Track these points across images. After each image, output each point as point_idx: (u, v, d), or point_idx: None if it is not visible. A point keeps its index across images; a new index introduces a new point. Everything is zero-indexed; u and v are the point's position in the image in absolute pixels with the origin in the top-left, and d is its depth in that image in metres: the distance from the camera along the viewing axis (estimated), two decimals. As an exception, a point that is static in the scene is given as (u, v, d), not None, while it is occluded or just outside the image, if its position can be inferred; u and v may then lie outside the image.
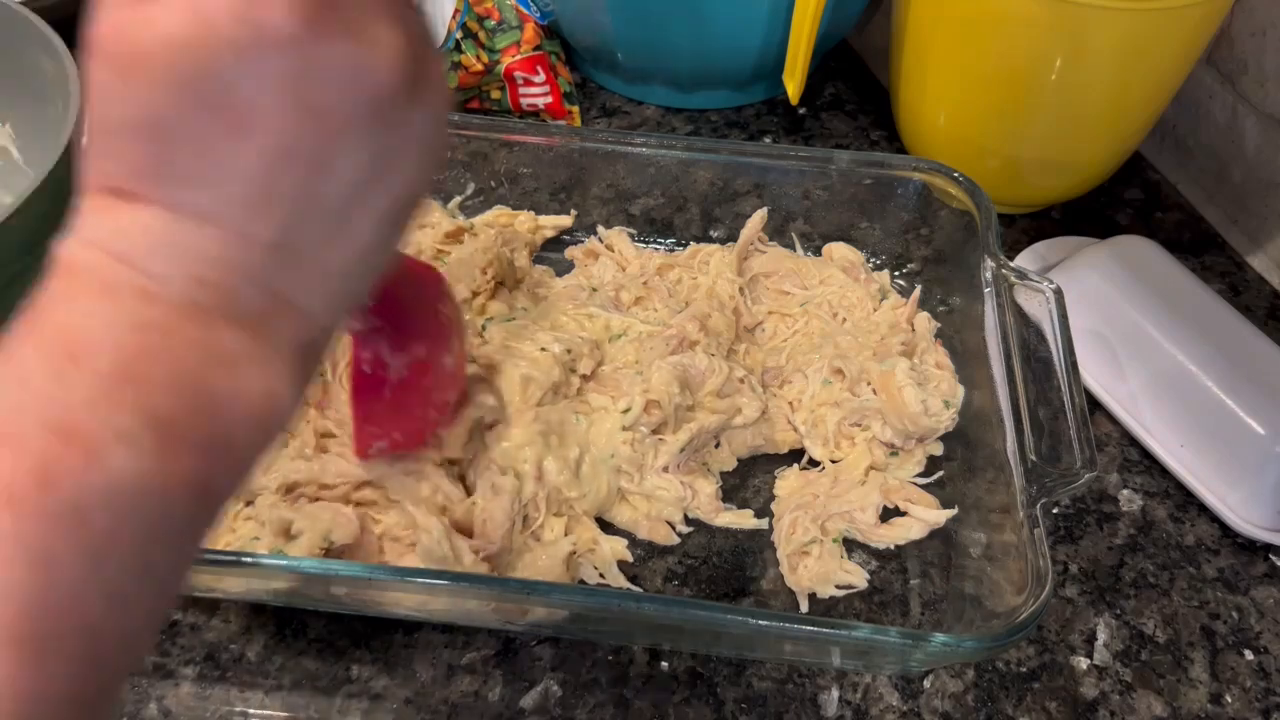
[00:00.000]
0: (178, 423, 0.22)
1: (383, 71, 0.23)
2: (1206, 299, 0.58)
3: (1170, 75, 0.61)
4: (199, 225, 0.23)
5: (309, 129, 0.22)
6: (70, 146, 0.53)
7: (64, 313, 0.22)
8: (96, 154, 0.23)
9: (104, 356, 0.21)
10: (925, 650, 0.39)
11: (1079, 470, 0.44)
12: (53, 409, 0.21)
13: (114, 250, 0.23)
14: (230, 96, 0.21)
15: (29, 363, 0.21)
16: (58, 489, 0.20)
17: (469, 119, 0.62)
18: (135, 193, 0.23)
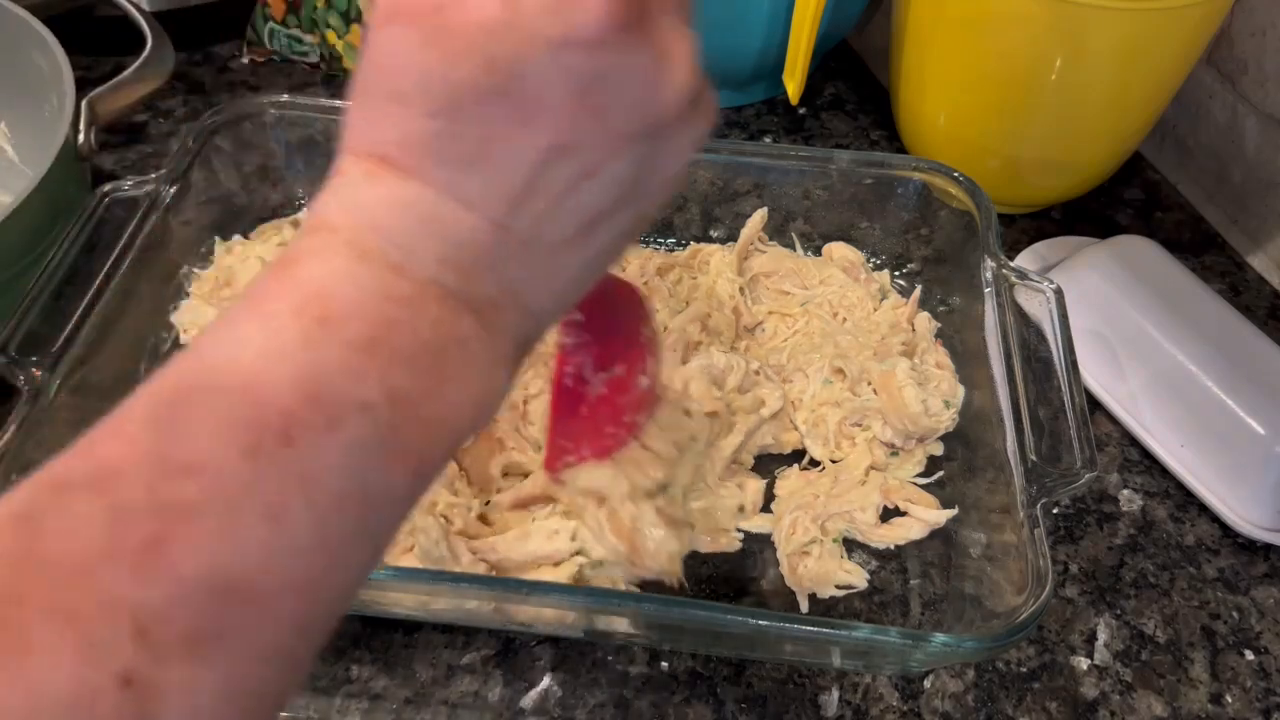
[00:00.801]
0: (410, 399, 0.22)
1: (674, 90, 0.23)
2: (1206, 299, 0.58)
3: (1170, 75, 0.61)
4: (460, 209, 0.23)
5: (589, 132, 0.22)
6: (66, 146, 0.53)
7: (320, 272, 0.22)
8: (371, 117, 0.23)
9: (353, 324, 0.22)
10: (925, 650, 0.39)
11: (1079, 470, 0.44)
12: (301, 369, 0.21)
13: (373, 218, 0.23)
14: (524, 86, 0.21)
15: (282, 320, 0.21)
16: (298, 448, 0.20)
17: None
18: (405, 165, 0.23)
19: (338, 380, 0.21)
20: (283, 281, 0.22)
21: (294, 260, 0.23)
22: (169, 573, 0.18)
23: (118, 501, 0.19)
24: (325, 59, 0.76)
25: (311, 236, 0.23)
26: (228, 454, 0.20)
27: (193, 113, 0.74)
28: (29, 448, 0.44)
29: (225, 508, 0.19)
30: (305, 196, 0.64)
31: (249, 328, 0.21)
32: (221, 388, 0.20)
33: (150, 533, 0.18)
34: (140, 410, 0.21)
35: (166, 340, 0.56)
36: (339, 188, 0.23)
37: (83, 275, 0.49)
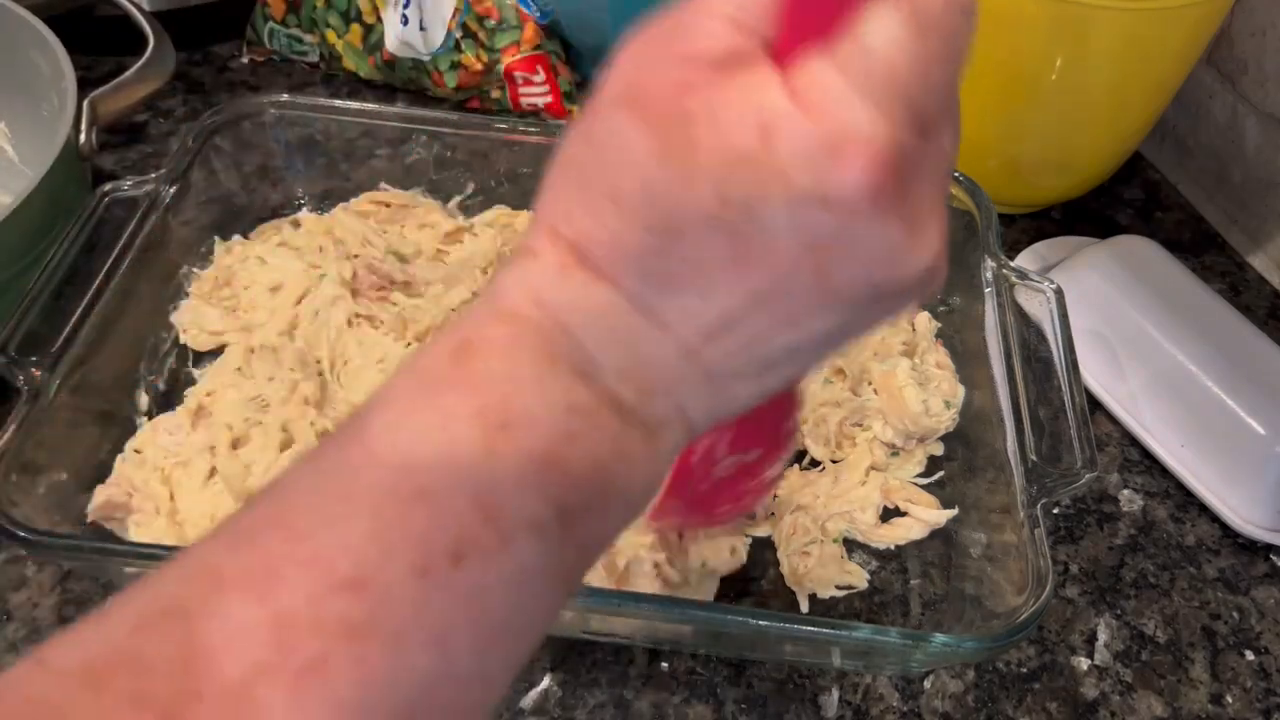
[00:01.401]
0: (577, 519, 0.21)
1: (912, 269, 0.21)
2: (1207, 299, 0.58)
3: (1170, 75, 0.61)
4: (652, 329, 0.22)
5: (808, 291, 0.21)
6: (67, 146, 0.53)
7: (504, 371, 0.21)
8: (580, 204, 0.21)
9: (536, 435, 0.20)
10: (925, 651, 0.39)
11: (1079, 470, 0.44)
12: (479, 482, 0.19)
13: (565, 319, 0.22)
14: (754, 229, 0.20)
15: (461, 420, 0.20)
16: (467, 570, 0.19)
17: (469, 119, 0.62)
18: (604, 268, 0.21)
19: (514, 496, 0.20)
20: (464, 371, 0.21)
21: (477, 348, 0.21)
22: (327, 699, 0.17)
23: (279, 613, 0.18)
24: (325, 59, 0.76)
25: (496, 326, 0.21)
26: (396, 571, 0.18)
27: (192, 113, 0.74)
28: (28, 447, 0.44)
29: (391, 632, 0.18)
30: (305, 196, 0.64)
31: (425, 420, 0.20)
32: (394, 489, 0.19)
33: (313, 653, 0.17)
34: (302, 497, 0.20)
35: (166, 340, 0.56)
36: (530, 272, 0.22)
37: (82, 275, 0.49)
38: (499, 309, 0.22)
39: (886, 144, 0.19)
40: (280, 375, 0.51)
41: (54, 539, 0.42)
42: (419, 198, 0.64)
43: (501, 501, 0.20)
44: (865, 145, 0.19)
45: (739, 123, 0.19)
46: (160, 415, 0.51)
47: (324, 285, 0.56)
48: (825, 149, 0.19)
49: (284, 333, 0.54)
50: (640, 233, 0.21)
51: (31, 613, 0.47)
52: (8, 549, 0.49)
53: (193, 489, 0.48)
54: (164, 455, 0.49)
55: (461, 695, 0.19)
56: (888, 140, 0.19)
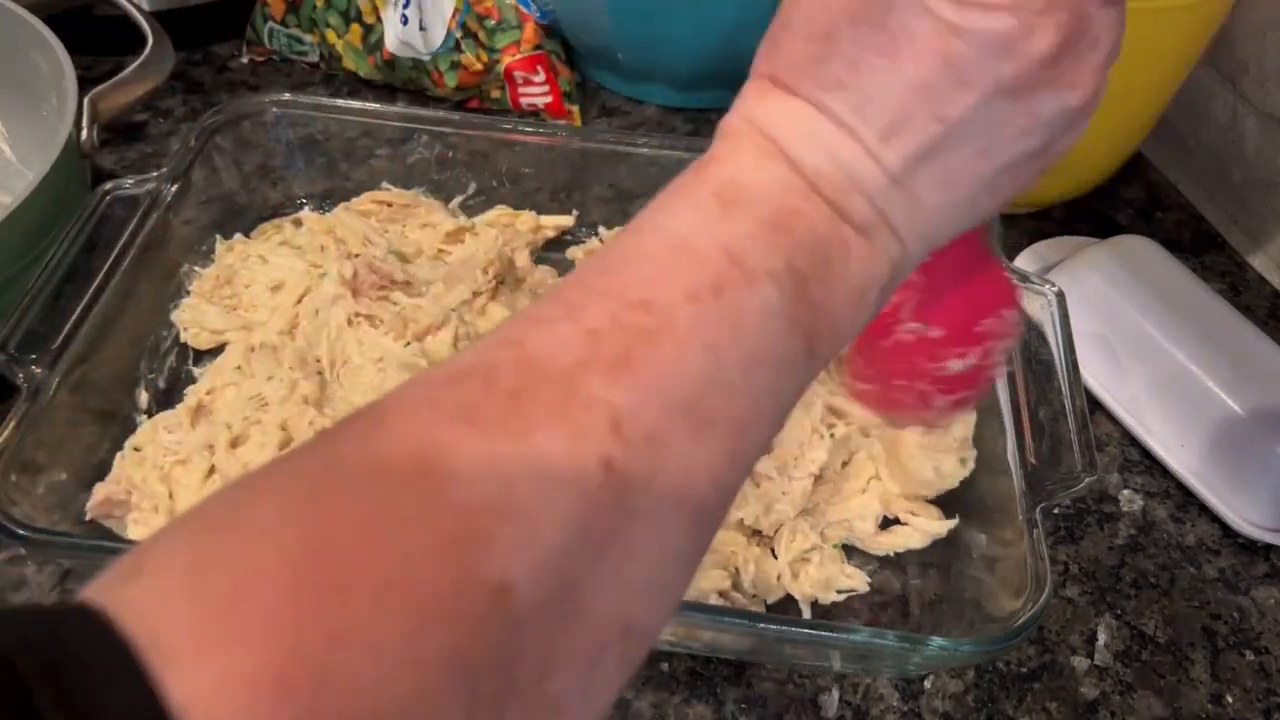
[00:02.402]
0: (805, 279, 0.25)
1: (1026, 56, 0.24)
2: (1207, 299, 0.58)
3: (1170, 75, 0.61)
4: (836, 129, 0.25)
5: (946, 79, 0.24)
6: (69, 143, 0.53)
7: (731, 167, 0.26)
8: (768, 44, 0.27)
9: (762, 205, 0.25)
10: (923, 654, 0.39)
11: (1079, 474, 0.44)
12: (724, 237, 0.24)
13: (767, 128, 0.26)
14: (893, 21, 0.24)
15: (703, 200, 0.25)
16: (725, 299, 0.23)
17: (469, 118, 0.62)
18: (789, 84, 0.26)
19: (752, 249, 0.24)
20: (701, 174, 0.26)
21: (707, 162, 0.26)
22: (634, 382, 0.22)
23: (589, 327, 0.22)
24: (325, 59, 0.76)
25: (720, 143, 0.27)
26: (673, 295, 0.23)
27: (192, 112, 0.74)
28: (28, 446, 0.44)
29: (675, 337, 0.22)
30: (306, 196, 0.64)
31: (676, 204, 0.25)
32: (662, 245, 0.24)
33: (618, 350, 0.22)
34: (594, 265, 0.24)
35: (167, 338, 0.56)
36: (739, 106, 0.27)
37: (83, 273, 0.49)
38: (724, 134, 0.27)
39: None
40: (279, 374, 0.51)
41: (53, 537, 0.42)
42: (420, 197, 0.64)
43: (744, 251, 0.24)
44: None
45: None
46: (160, 413, 0.51)
47: (324, 284, 0.56)
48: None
49: (284, 332, 0.54)
50: (804, 42, 0.25)
51: (31, 612, 0.47)
52: (8, 549, 0.49)
53: (191, 487, 0.48)
54: (163, 453, 0.49)
55: (734, 404, 0.23)
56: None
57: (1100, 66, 0.26)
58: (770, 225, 0.24)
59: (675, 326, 0.22)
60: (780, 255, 0.24)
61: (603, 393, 0.21)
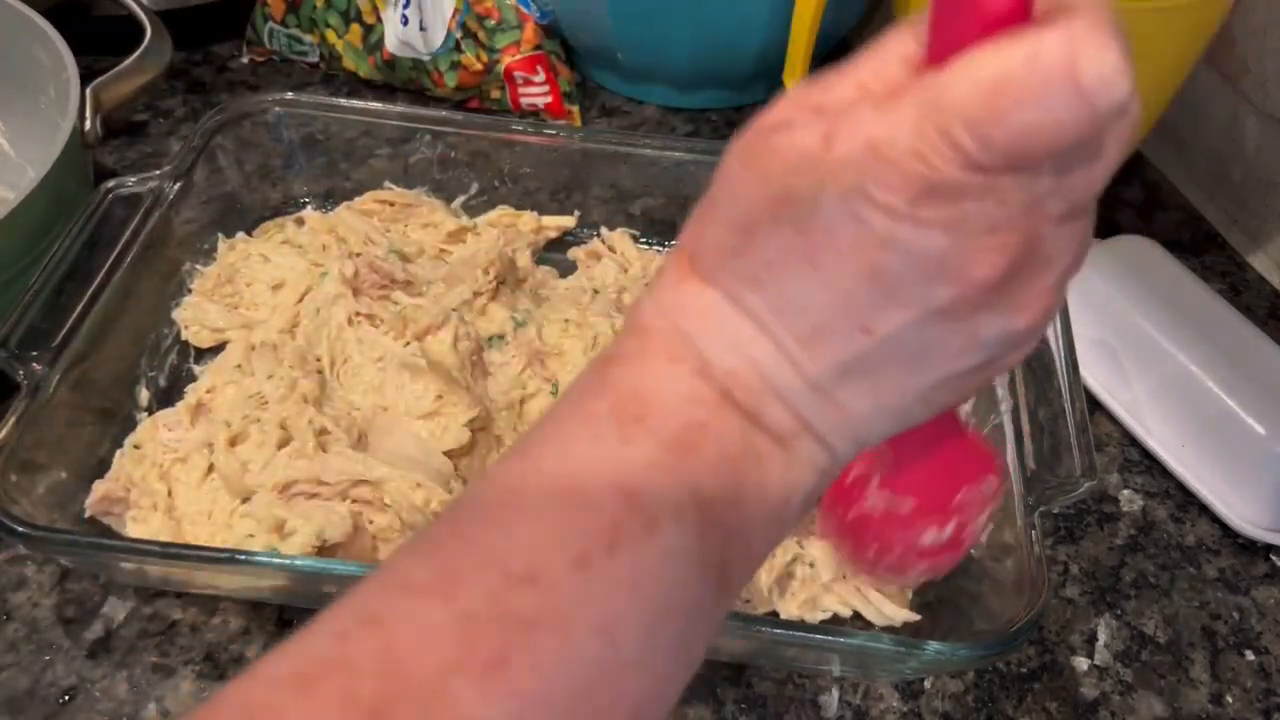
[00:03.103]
0: (714, 506, 0.22)
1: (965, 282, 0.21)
2: (1207, 299, 0.58)
3: (1170, 75, 0.61)
4: (751, 328, 0.23)
5: (867, 290, 0.22)
6: (73, 135, 0.53)
7: (636, 373, 0.23)
8: (694, 224, 0.24)
9: (667, 423, 0.22)
10: (920, 658, 0.39)
11: (1078, 479, 0.44)
12: (622, 471, 0.21)
13: (681, 322, 0.24)
14: (817, 226, 0.21)
15: (602, 420, 0.22)
16: (622, 557, 0.21)
17: (471, 118, 0.62)
18: (705, 271, 0.24)
19: (653, 481, 0.21)
20: (603, 381, 0.23)
21: (614, 360, 0.24)
22: (511, 690, 0.19)
23: (464, 610, 0.19)
24: (325, 59, 0.76)
25: (630, 338, 0.24)
26: (561, 565, 0.20)
27: (193, 112, 0.74)
28: (28, 443, 0.44)
29: (560, 622, 0.20)
30: (307, 195, 0.64)
31: (573, 427, 0.23)
32: (550, 493, 0.21)
33: (496, 648, 0.19)
34: (480, 504, 0.22)
35: (168, 336, 0.56)
36: (657, 288, 0.25)
37: (84, 271, 0.49)
38: (634, 325, 0.25)
39: (921, 165, 0.20)
40: (280, 373, 0.51)
41: (51, 534, 0.42)
42: (422, 197, 0.64)
43: (643, 487, 0.21)
44: (902, 158, 0.20)
45: (811, 128, 0.21)
46: (160, 411, 0.51)
47: (325, 283, 0.56)
48: (869, 153, 0.20)
49: (285, 330, 0.55)
50: (727, 233, 0.23)
51: (31, 613, 0.47)
52: (8, 547, 0.49)
53: (190, 485, 0.48)
54: (163, 451, 0.49)
55: (633, 683, 0.21)
56: (923, 163, 0.20)
57: (1053, 286, 0.23)
58: (676, 447, 0.22)
59: (562, 607, 0.20)
60: (684, 485, 0.22)
61: (474, 708, 0.18)
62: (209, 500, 0.48)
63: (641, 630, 0.21)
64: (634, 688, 0.21)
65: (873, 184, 0.20)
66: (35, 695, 0.44)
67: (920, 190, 0.20)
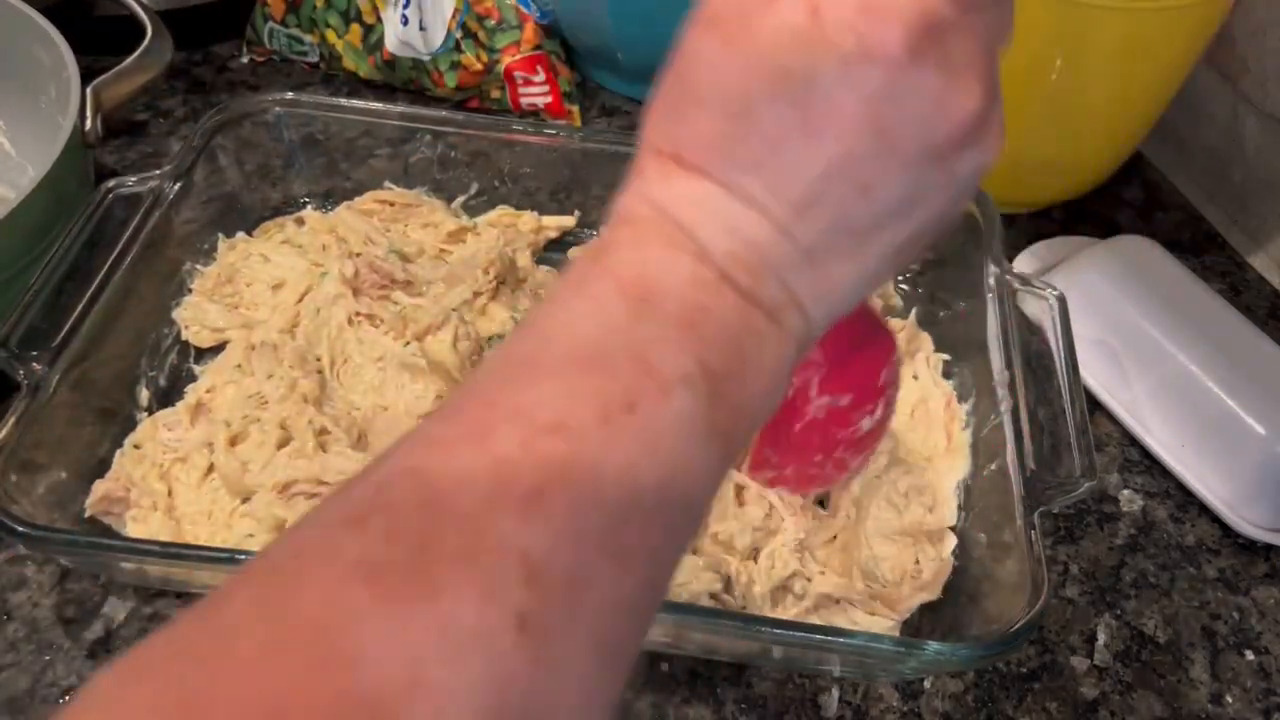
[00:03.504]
0: (719, 378, 0.23)
1: (958, 116, 0.23)
2: (1207, 299, 0.58)
3: (1170, 75, 0.61)
4: (748, 210, 0.24)
5: (873, 149, 0.23)
6: (73, 134, 0.53)
7: (635, 258, 0.24)
8: (669, 117, 0.24)
9: (671, 304, 0.23)
10: (920, 658, 0.39)
11: (1078, 479, 0.44)
12: (635, 342, 0.22)
13: (673, 213, 0.24)
14: (816, 97, 0.22)
15: (609, 299, 0.23)
16: (639, 414, 0.22)
17: (471, 118, 0.62)
18: (697, 164, 0.24)
19: (664, 353, 0.22)
20: (603, 265, 0.24)
21: (607, 249, 0.24)
22: (549, 521, 0.20)
23: (497, 456, 0.20)
24: (325, 59, 0.76)
25: (620, 229, 0.25)
26: (586, 416, 0.21)
27: (193, 112, 0.74)
28: (28, 443, 0.44)
29: (590, 464, 0.21)
30: (307, 195, 0.64)
31: (579, 305, 0.23)
32: (566, 358, 0.22)
33: (531, 484, 0.20)
34: (495, 375, 0.23)
35: (168, 336, 0.56)
36: (639, 185, 0.25)
37: (84, 271, 0.49)
38: (620, 217, 0.25)
39: (917, 6, 0.22)
40: (279, 373, 0.51)
41: (51, 534, 0.42)
42: (423, 197, 0.64)
43: (655, 357, 0.22)
44: (898, 6, 0.22)
45: (791, 6, 0.22)
46: (160, 411, 0.51)
47: (325, 283, 0.56)
48: (864, 12, 0.22)
49: (285, 330, 0.55)
50: (717, 121, 0.23)
51: (32, 612, 0.47)
52: (8, 547, 0.49)
53: (190, 485, 0.48)
54: (163, 451, 0.49)
55: (652, 526, 0.22)
56: (918, 3, 0.22)
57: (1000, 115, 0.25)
58: (682, 325, 0.23)
59: (589, 453, 0.21)
60: (694, 357, 0.23)
61: (515, 537, 0.19)
62: (209, 500, 0.48)
63: (657, 479, 0.22)
64: (653, 535, 0.22)
65: (872, 41, 0.22)
66: (35, 695, 0.44)
67: (916, 34, 0.22)
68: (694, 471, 0.23)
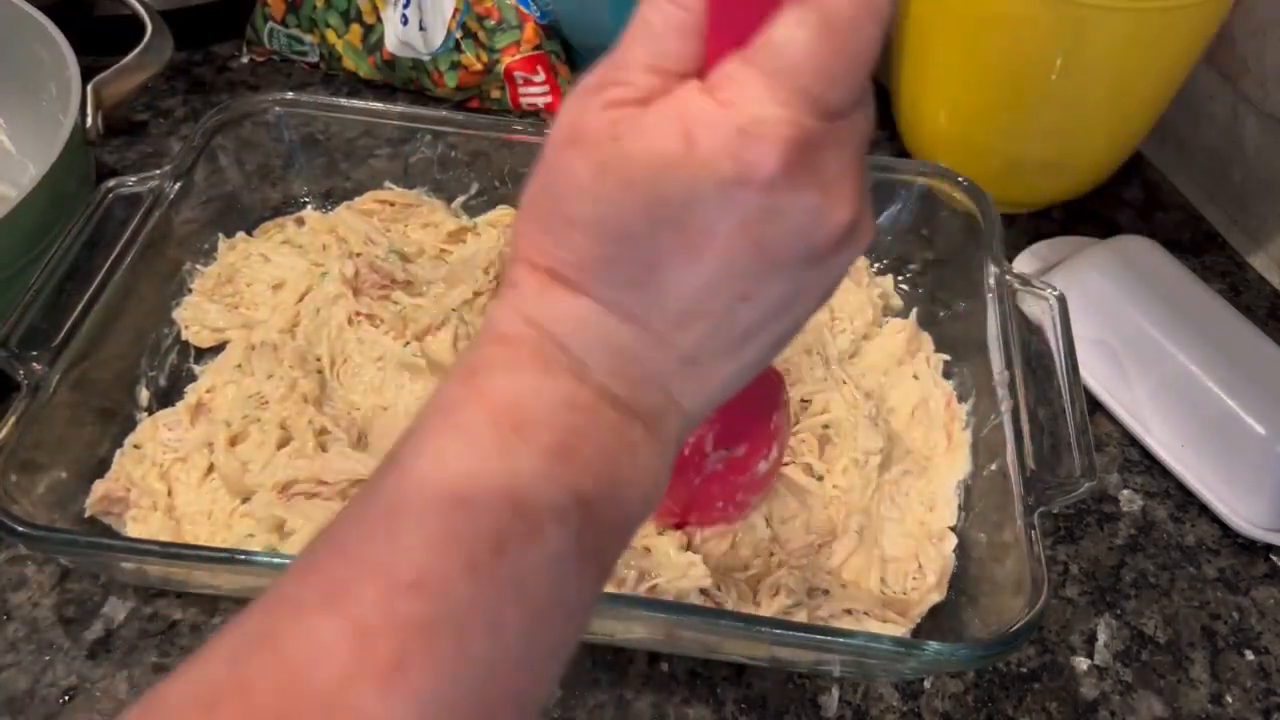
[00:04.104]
0: (595, 503, 0.23)
1: (833, 226, 0.23)
2: (1207, 299, 0.58)
3: (1170, 75, 0.61)
4: (627, 325, 0.24)
5: (752, 263, 0.23)
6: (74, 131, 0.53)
7: (509, 384, 0.23)
8: (545, 233, 0.24)
9: (545, 432, 0.23)
10: (920, 659, 0.39)
11: (1078, 479, 0.44)
12: (504, 479, 0.22)
13: (551, 330, 0.24)
14: (694, 222, 0.22)
15: (479, 430, 0.22)
16: (509, 558, 0.21)
17: (472, 118, 0.62)
18: (575, 282, 0.24)
19: (535, 488, 0.22)
20: (473, 391, 0.23)
21: (480, 371, 0.24)
22: (411, 693, 0.19)
23: (355, 622, 0.20)
24: (325, 59, 0.76)
25: (495, 347, 0.24)
26: (450, 569, 0.20)
27: (193, 112, 0.74)
28: (28, 443, 0.44)
29: (453, 624, 0.20)
30: (307, 195, 0.64)
31: (449, 438, 0.22)
32: (433, 501, 0.21)
33: (392, 652, 0.19)
34: (354, 526, 0.22)
35: (168, 336, 0.56)
36: (515, 300, 0.25)
37: (84, 271, 0.49)
38: (495, 334, 0.24)
39: (792, 128, 0.21)
40: (279, 373, 0.51)
41: (51, 534, 0.42)
42: (423, 197, 0.64)
43: (526, 493, 0.22)
44: (773, 129, 0.21)
45: (663, 130, 0.22)
46: (160, 411, 0.51)
47: (325, 283, 0.56)
48: (740, 137, 0.21)
49: (285, 330, 0.55)
50: (595, 245, 0.23)
51: (31, 612, 0.47)
52: (8, 547, 0.49)
53: (190, 485, 0.48)
54: (163, 451, 0.49)
55: (515, 681, 0.21)
56: (793, 124, 0.21)
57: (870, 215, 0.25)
58: (555, 454, 0.22)
59: (454, 611, 0.20)
60: (567, 488, 0.22)
61: (375, 713, 0.19)
62: (209, 500, 0.48)
63: (525, 624, 0.21)
64: (519, 682, 0.21)
65: (749, 166, 0.21)
66: (35, 695, 0.44)
67: (791, 155, 0.22)
68: (566, 602, 0.23)
